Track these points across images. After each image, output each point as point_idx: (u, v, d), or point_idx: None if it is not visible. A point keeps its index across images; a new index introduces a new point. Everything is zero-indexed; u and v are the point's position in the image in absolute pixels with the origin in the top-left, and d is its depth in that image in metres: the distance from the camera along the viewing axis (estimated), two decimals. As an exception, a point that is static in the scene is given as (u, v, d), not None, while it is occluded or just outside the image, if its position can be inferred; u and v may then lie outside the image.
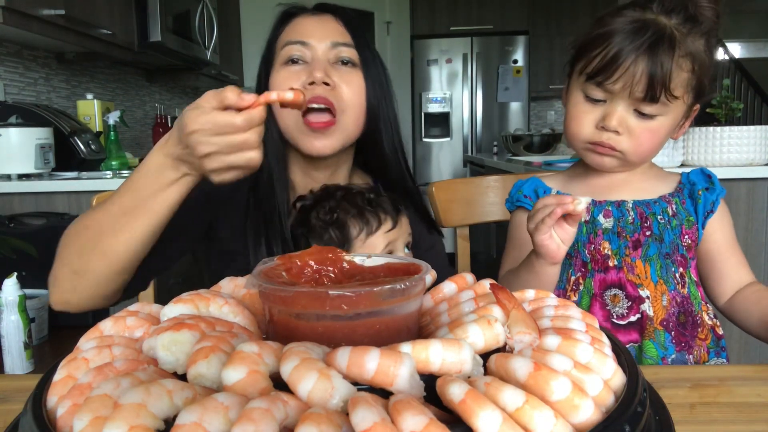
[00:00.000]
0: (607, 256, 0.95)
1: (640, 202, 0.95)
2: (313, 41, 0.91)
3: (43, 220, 1.80)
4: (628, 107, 0.87)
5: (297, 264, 0.53)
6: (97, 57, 2.78)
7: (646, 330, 0.92)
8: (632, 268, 0.94)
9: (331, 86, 0.89)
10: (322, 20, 0.94)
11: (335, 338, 0.45)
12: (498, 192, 1.30)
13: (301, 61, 0.92)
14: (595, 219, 0.96)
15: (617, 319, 0.93)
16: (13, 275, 1.45)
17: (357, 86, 0.92)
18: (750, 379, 0.68)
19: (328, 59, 0.92)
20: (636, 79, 0.84)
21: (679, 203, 0.97)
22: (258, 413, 0.33)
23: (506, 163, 3.03)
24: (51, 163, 2.10)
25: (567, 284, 0.97)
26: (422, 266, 0.52)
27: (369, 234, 0.85)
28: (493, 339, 0.46)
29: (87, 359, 0.45)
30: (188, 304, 0.51)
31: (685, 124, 0.95)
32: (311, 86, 0.88)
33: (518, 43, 5.39)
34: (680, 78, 0.86)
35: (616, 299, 0.94)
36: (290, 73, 0.91)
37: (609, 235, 0.95)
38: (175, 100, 4.17)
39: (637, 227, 0.94)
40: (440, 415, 0.37)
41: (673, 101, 0.86)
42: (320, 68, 0.89)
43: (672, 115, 0.89)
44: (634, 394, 0.42)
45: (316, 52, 0.91)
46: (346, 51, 0.92)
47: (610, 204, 0.96)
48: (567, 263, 0.98)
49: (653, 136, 0.89)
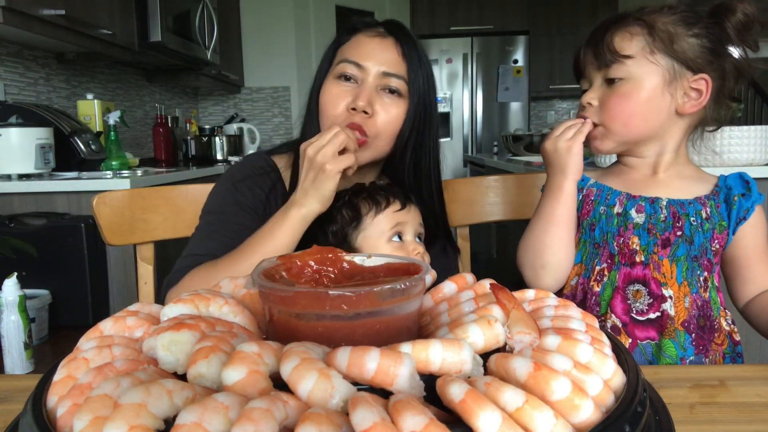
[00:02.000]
0: (635, 251, 0.95)
1: (675, 201, 0.95)
2: (369, 65, 0.97)
3: (44, 220, 1.80)
4: (601, 82, 0.94)
5: (297, 264, 0.53)
6: (98, 57, 2.78)
7: (666, 329, 0.92)
8: (658, 266, 0.94)
9: (370, 114, 0.97)
10: (383, 44, 0.99)
11: (335, 338, 0.45)
12: (498, 192, 1.30)
13: (353, 80, 0.98)
14: (627, 212, 0.96)
15: (636, 314, 0.94)
16: (13, 275, 1.45)
17: (395, 116, 0.98)
18: (750, 379, 0.68)
19: (376, 86, 0.98)
20: (589, 54, 0.95)
21: (714, 207, 0.96)
22: (258, 413, 0.33)
23: (506, 163, 3.03)
24: (51, 163, 2.10)
25: (592, 274, 0.98)
26: (422, 266, 0.52)
27: (378, 212, 0.92)
28: (493, 339, 0.46)
29: (87, 359, 0.45)
30: (188, 304, 0.51)
31: (692, 93, 0.92)
32: (353, 111, 0.96)
33: (518, 43, 5.39)
34: (629, 39, 0.91)
35: (638, 294, 0.94)
36: (340, 91, 0.98)
37: (639, 231, 0.95)
38: (175, 100, 4.17)
39: (669, 226, 0.94)
40: (440, 415, 0.37)
41: (630, 61, 0.90)
42: (365, 96, 0.96)
43: (641, 76, 0.91)
44: (634, 394, 0.42)
45: (367, 76, 0.97)
46: (395, 82, 0.98)
47: (644, 199, 0.96)
48: (594, 253, 0.99)
49: (622, 99, 0.92)
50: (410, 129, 1.00)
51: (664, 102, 0.92)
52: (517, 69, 5.40)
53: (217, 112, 4.76)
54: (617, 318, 0.94)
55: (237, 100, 4.76)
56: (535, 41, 5.38)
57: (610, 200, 0.98)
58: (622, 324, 0.94)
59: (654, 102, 0.92)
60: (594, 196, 1.00)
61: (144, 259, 1.20)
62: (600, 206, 0.98)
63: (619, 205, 0.96)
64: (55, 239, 1.76)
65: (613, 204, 0.97)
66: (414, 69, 0.99)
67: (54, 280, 1.77)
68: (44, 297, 1.72)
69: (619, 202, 0.97)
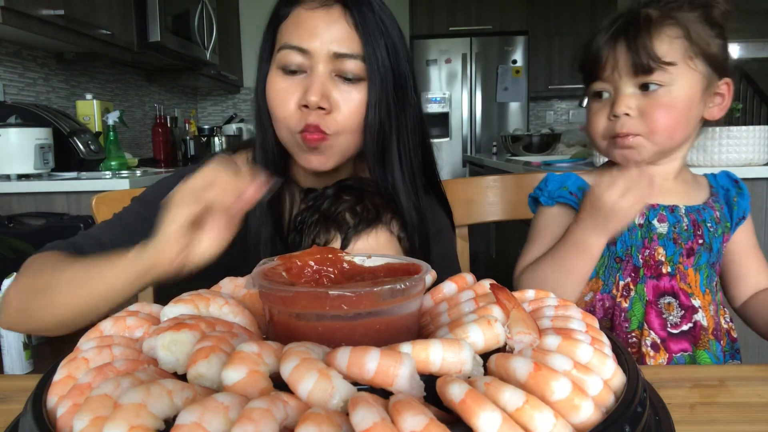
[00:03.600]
0: (661, 262, 0.91)
1: (692, 208, 0.92)
2: (315, 47, 0.80)
3: (43, 221, 1.80)
4: (632, 88, 0.87)
5: (297, 264, 0.53)
6: (97, 57, 2.78)
7: (701, 340, 0.90)
8: (684, 276, 0.91)
9: (328, 110, 0.80)
10: (328, 16, 0.80)
11: (335, 338, 0.45)
12: (497, 192, 1.30)
13: (299, 71, 0.82)
14: (650, 223, 0.92)
15: (671, 327, 0.91)
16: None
17: (358, 104, 0.82)
18: (750, 379, 0.68)
19: (329, 72, 0.81)
20: (622, 58, 0.86)
21: (719, 209, 0.94)
22: (258, 413, 0.33)
23: (505, 163, 3.03)
24: (50, 164, 2.10)
25: (615, 288, 0.93)
26: (422, 266, 0.52)
27: (324, 242, 0.78)
28: (493, 339, 0.46)
29: (87, 359, 0.45)
30: (188, 304, 0.51)
31: (716, 99, 0.90)
32: (306, 109, 0.81)
33: (517, 44, 5.39)
34: (668, 42, 0.85)
35: (670, 307, 0.91)
36: (287, 86, 0.82)
37: (664, 241, 0.91)
38: (174, 100, 4.17)
39: (691, 234, 0.91)
40: (440, 415, 0.37)
41: (672, 68, 0.85)
42: (317, 89, 0.79)
43: (682, 84, 0.86)
44: (634, 394, 0.42)
45: (316, 62, 0.80)
46: (351, 65, 0.80)
47: (663, 208, 0.92)
48: (615, 267, 0.94)
49: (667, 109, 0.85)
50: (378, 115, 0.82)
51: (700, 110, 0.89)
52: (516, 69, 5.40)
53: (216, 112, 4.76)
54: (656, 334, 0.90)
55: (236, 101, 4.76)
56: (534, 41, 5.37)
57: None
58: (661, 340, 0.90)
59: (693, 111, 0.88)
60: None
61: (143, 260, 1.20)
62: None
63: (640, 215, 0.92)
64: (55, 239, 1.75)
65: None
66: (372, 41, 0.80)
67: (53, 281, 1.76)
68: (43, 297, 1.72)
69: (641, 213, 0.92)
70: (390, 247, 0.78)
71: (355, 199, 0.78)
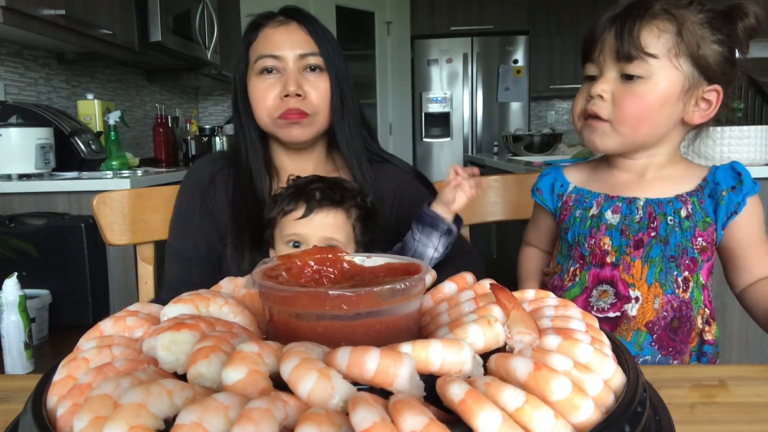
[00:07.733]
0: (606, 252, 0.94)
1: (653, 200, 0.93)
2: (284, 53, 1.04)
3: (44, 220, 1.81)
4: (614, 74, 0.89)
5: (297, 264, 0.53)
6: (98, 57, 2.78)
7: (619, 327, 0.93)
8: (629, 267, 0.93)
9: (303, 96, 1.04)
10: (289, 30, 1.06)
11: (335, 338, 0.45)
12: (498, 192, 1.30)
13: (275, 71, 1.05)
14: (602, 214, 0.95)
15: (596, 312, 0.94)
16: (13, 275, 1.45)
17: (324, 89, 1.06)
18: (750, 379, 0.68)
19: (298, 69, 1.05)
20: (609, 42, 0.88)
21: (697, 203, 0.93)
22: (258, 413, 0.33)
23: (506, 163, 3.03)
24: (51, 163, 2.10)
25: (566, 274, 1.00)
26: (422, 266, 0.52)
27: (284, 214, 0.92)
28: (493, 339, 0.46)
29: (87, 359, 0.45)
30: (188, 304, 0.51)
31: (702, 104, 0.90)
32: (286, 98, 1.03)
33: (518, 43, 5.39)
34: (656, 34, 0.86)
35: (604, 294, 0.95)
36: (267, 84, 1.04)
37: (612, 231, 0.94)
38: (175, 100, 4.17)
39: (643, 227, 0.92)
40: (440, 415, 0.37)
41: (653, 61, 0.86)
42: (293, 81, 1.03)
43: (660, 79, 0.86)
44: (634, 394, 0.42)
45: (287, 63, 1.04)
46: (313, 59, 1.05)
47: (621, 200, 0.94)
48: (568, 254, 1.00)
49: (637, 100, 0.87)
50: (338, 96, 1.07)
51: (676, 110, 0.89)
52: (517, 69, 5.40)
53: (218, 112, 4.76)
54: None
55: (237, 100, 4.74)
56: (535, 41, 5.37)
57: (587, 203, 0.97)
58: None
59: (667, 109, 0.89)
60: (572, 201, 1.00)
61: (144, 259, 1.20)
62: (576, 210, 0.98)
63: (595, 206, 0.96)
64: (56, 239, 1.76)
65: (590, 206, 0.97)
66: (323, 43, 1.06)
67: (54, 280, 1.76)
68: (44, 297, 1.72)
69: (596, 203, 0.96)
70: (343, 229, 0.92)
71: (327, 185, 0.93)
